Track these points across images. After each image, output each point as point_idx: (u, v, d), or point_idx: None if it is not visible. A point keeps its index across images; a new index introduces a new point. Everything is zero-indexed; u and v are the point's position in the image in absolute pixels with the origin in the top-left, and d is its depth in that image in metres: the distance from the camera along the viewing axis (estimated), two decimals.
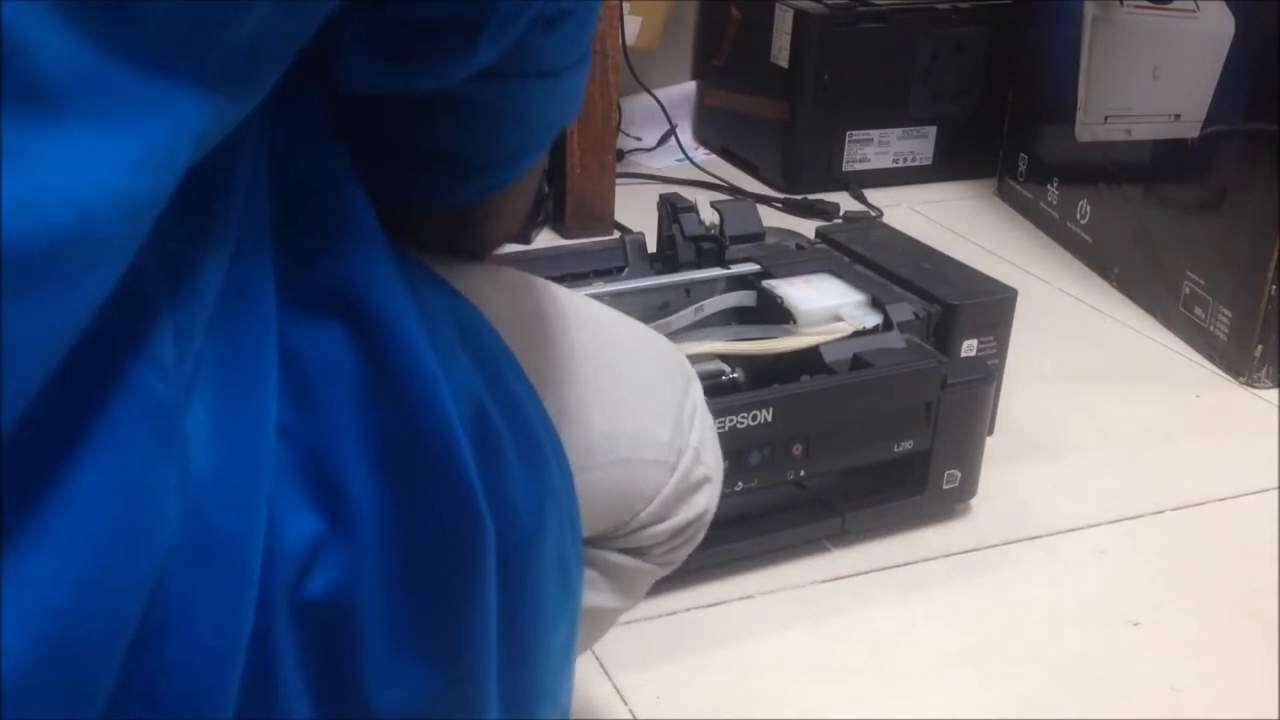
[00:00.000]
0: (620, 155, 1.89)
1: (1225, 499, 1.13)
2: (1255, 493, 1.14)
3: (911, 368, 1.00)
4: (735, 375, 1.05)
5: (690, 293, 1.11)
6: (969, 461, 1.05)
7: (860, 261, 1.15)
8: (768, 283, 1.09)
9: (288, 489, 0.37)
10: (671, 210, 1.16)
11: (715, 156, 2.00)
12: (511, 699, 0.44)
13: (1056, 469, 1.16)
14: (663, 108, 1.95)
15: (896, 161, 1.89)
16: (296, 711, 0.37)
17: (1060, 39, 1.64)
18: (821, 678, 0.90)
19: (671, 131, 1.97)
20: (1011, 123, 1.82)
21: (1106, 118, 1.58)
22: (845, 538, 1.03)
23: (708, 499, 0.62)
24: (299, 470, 0.38)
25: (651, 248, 1.18)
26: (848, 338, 1.03)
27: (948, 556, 1.03)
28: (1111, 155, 1.57)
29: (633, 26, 1.81)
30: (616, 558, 0.60)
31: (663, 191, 1.23)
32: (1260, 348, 1.32)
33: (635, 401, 0.58)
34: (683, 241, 1.15)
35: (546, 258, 1.13)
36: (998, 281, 1.12)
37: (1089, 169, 1.62)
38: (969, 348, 1.08)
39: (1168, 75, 1.46)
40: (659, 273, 1.14)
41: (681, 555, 0.64)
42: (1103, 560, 1.04)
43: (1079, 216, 1.64)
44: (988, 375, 1.04)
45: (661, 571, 0.63)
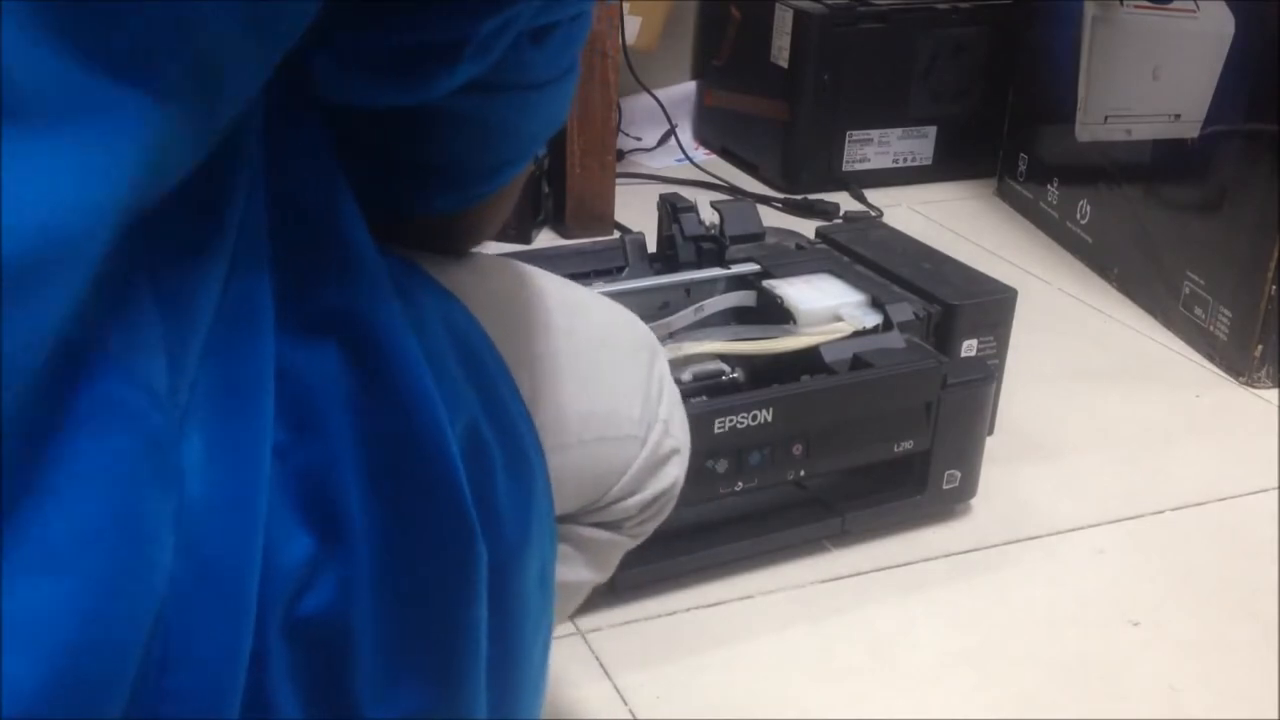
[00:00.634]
0: (620, 155, 1.89)
1: (1225, 499, 1.13)
2: (1255, 493, 1.14)
3: (911, 368, 1.00)
4: (735, 375, 1.05)
5: (690, 293, 1.11)
6: (969, 461, 1.05)
7: (860, 261, 1.15)
8: (768, 283, 1.09)
9: (283, 510, 0.37)
10: (671, 210, 1.16)
11: (715, 156, 2.00)
12: (498, 707, 0.45)
13: (1056, 469, 1.16)
14: (663, 108, 1.95)
15: (896, 161, 1.89)
16: None
17: (1060, 39, 1.64)
18: (821, 678, 0.90)
19: (671, 131, 1.97)
20: (1011, 123, 1.82)
21: (1106, 118, 1.58)
22: (845, 538, 1.03)
23: (677, 470, 0.63)
24: (294, 491, 0.38)
25: (651, 248, 1.18)
26: (848, 338, 1.03)
27: (948, 556, 1.03)
28: (1111, 155, 1.57)
29: (633, 26, 1.81)
30: (589, 532, 0.61)
31: (663, 191, 1.23)
32: (1260, 348, 1.32)
33: (607, 379, 0.59)
34: (683, 241, 1.15)
35: (546, 258, 1.13)
36: (998, 281, 1.12)
37: (1089, 169, 1.62)
38: (969, 348, 1.08)
39: (1168, 75, 1.46)
40: (659, 273, 1.14)
41: (651, 527, 0.64)
42: (1103, 560, 1.04)
43: (1079, 216, 1.64)
44: (988, 375, 1.04)
45: (632, 543, 0.65)
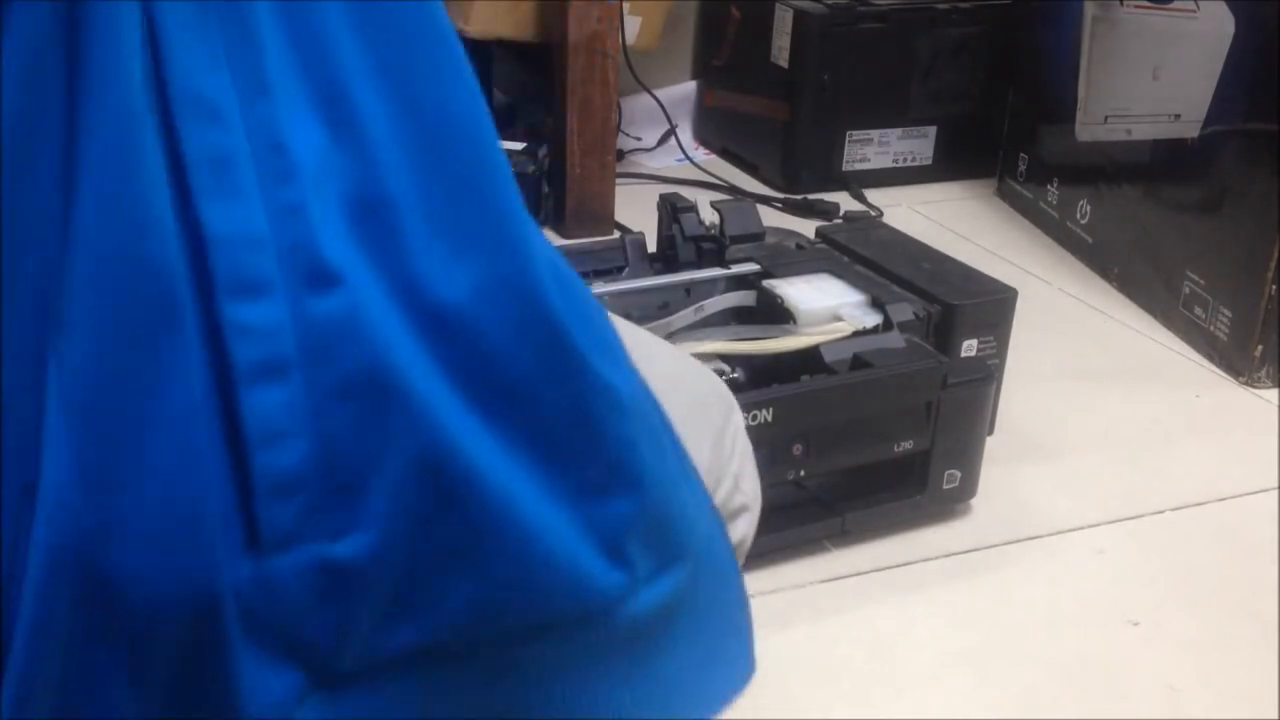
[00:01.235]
0: (620, 155, 1.89)
1: (1225, 499, 1.13)
2: (1255, 493, 1.14)
3: (911, 368, 1.00)
4: (735, 375, 1.05)
5: (690, 293, 1.11)
6: (969, 461, 1.05)
7: (860, 261, 1.15)
8: (768, 283, 1.09)
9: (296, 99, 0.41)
10: (671, 210, 1.16)
11: (715, 156, 2.00)
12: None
13: (1056, 469, 1.16)
14: (663, 108, 1.95)
15: (896, 161, 1.89)
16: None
17: (1060, 39, 1.64)
18: (821, 678, 0.90)
19: (671, 131, 1.97)
20: (1011, 123, 1.82)
21: (1106, 118, 1.58)
22: (845, 538, 1.03)
23: (745, 528, 0.62)
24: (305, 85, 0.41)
25: (651, 248, 1.18)
26: (848, 338, 1.03)
27: (948, 556, 1.03)
28: (1111, 155, 1.57)
29: (633, 26, 1.81)
30: None
31: (663, 191, 1.23)
32: (1260, 348, 1.32)
33: (686, 431, 0.58)
34: (683, 241, 1.15)
35: None
36: (998, 281, 1.12)
37: (1089, 169, 1.62)
38: (969, 348, 1.08)
39: (1168, 75, 1.46)
40: (659, 273, 1.14)
41: None
42: (1103, 560, 1.04)
43: (1079, 216, 1.64)
44: (988, 375, 1.04)
45: None
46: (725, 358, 1.05)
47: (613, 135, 1.67)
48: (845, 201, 1.80)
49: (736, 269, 1.13)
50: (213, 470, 0.38)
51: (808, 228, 1.33)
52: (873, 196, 1.83)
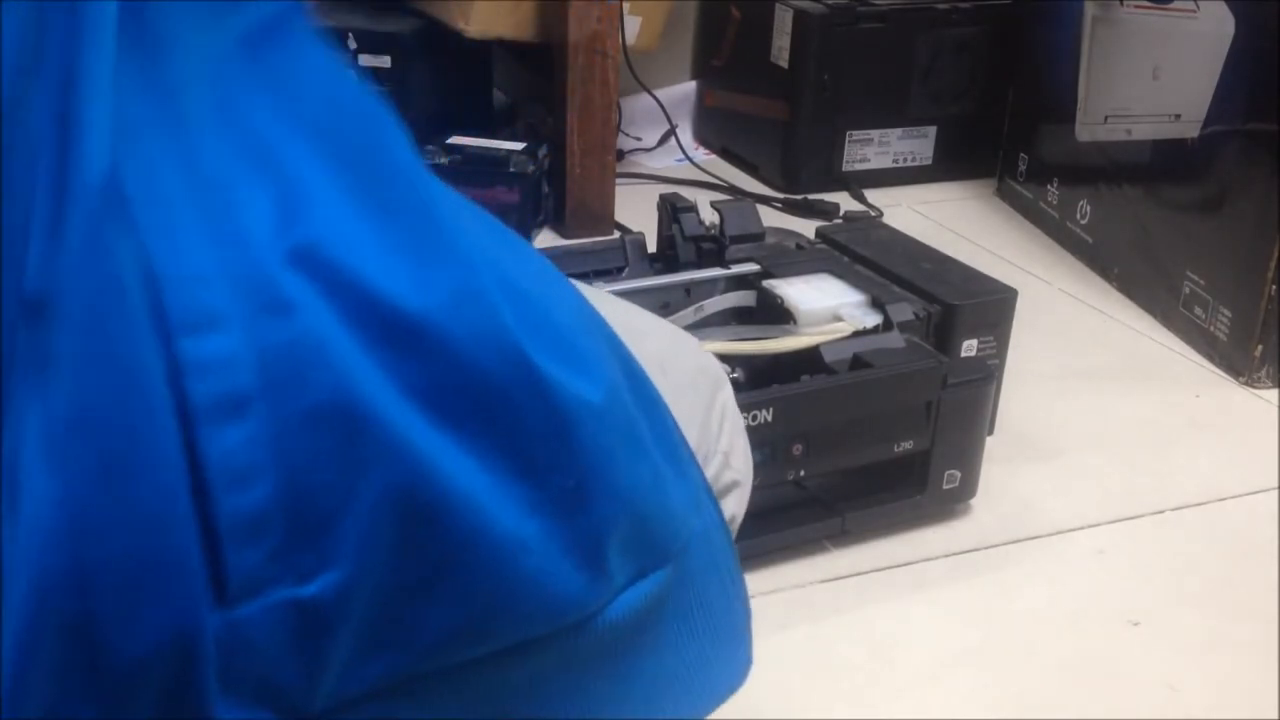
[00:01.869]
0: (620, 155, 1.89)
1: (1225, 499, 1.13)
2: (1255, 493, 1.14)
3: (911, 368, 1.00)
4: (735, 375, 1.05)
5: (690, 293, 1.11)
6: (969, 461, 1.05)
7: (860, 261, 1.15)
8: (768, 283, 1.09)
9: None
10: (671, 210, 1.16)
11: (715, 156, 2.00)
12: None
13: (1056, 469, 1.16)
14: (663, 108, 1.95)
15: (896, 161, 1.89)
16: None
17: (1060, 39, 1.64)
18: (821, 678, 0.90)
19: (671, 131, 1.97)
20: (1011, 123, 1.82)
21: (1106, 118, 1.58)
22: (845, 538, 1.03)
23: (736, 504, 0.61)
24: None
25: (651, 248, 1.18)
26: (848, 338, 1.03)
27: (948, 556, 1.03)
28: (1111, 155, 1.57)
29: (633, 26, 1.81)
30: None
31: (663, 191, 1.23)
32: (1260, 348, 1.32)
33: (675, 409, 0.56)
34: (683, 241, 1.15)
35: (546, 258, 1.13)
36: (998, 281, 1.12)
37: (1089, 169, 1.62)
38: (969, 348, 1.08)
39: (1168, 75, 1.46)
40: (659, 273, 1.14)
41: None
42: (1103, 560, 1.04)
43: (1079, 216, 1.64)
44: (988, 375, 1.04)
45: None
46: (725, 358, 1.05)
47: (613, 135, 1.67)
48: (845, 201, 1.80)
49: (736, 269, 1.13)
50: (186, 515, 0.37)
51: (808, 228, 1.33)
52: (873, 196, 1.83)
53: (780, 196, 1.82)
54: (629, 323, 0.57)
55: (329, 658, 0.40)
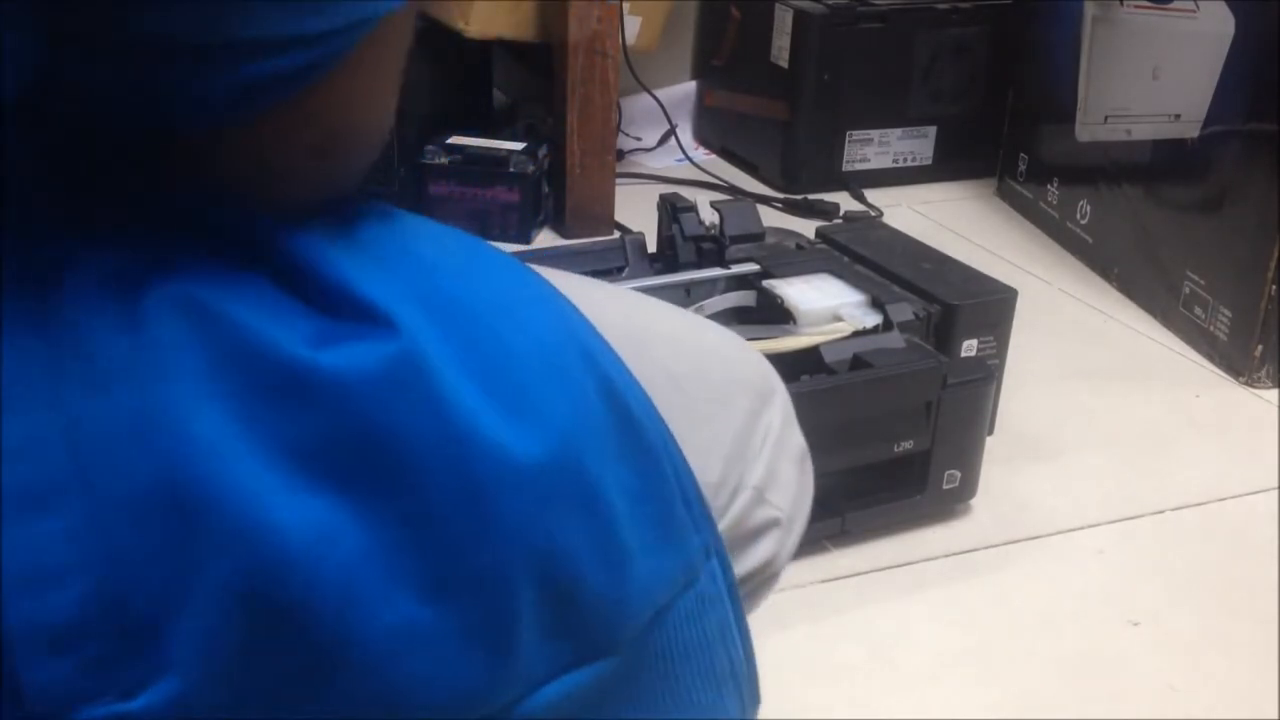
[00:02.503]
0: (620, 155, 1.89)
1: (1225, 499, 1.13)
2: (1255, 493, 1.14)
3: (911, 368, 1.00)
4: None
5: (690, 293, 1.11)
6: (969, 461, 1.05)
7: (860, 261, 1.15)
8: (768, 283, 1.09)
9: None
10: (671, 210, 1.16)
11: (715, 156, 2.00)
12: None
13: (1056, 469, 1.16)
14: (663, 108, 1.95)
15: (896, 161, 1.89)
16: None
17: (1060, 39, 1.64)
18: (821, 678, 0.90)
19: (671, 131, 1.97)
20: (1011, 123, 1.82)
21: (1106, 118, 1.58)
22: (845, 538, 1.03)
23: (774, 546, 0.53)
24: None
25: (651, 248, 1.18)
26: (848, 338, 1.03)
27: (948, 556, 1.03)
28: (1111, 155, 1.57)
29: (633, 26, 1.81)
30: None
31: (663, 191, 1.23)
32: (1260, 348, 1.32)
33: (691, 436, 0.48)
34: (683, 241, 1.15)
35: (546, 258, 1.13)
36: (998, 281, 1.12)
37: (1089, 169, 1.62)
38: (969, 348, 1.08)
39: (1168, 75, 1.46)
40: (659, 273, 1.14)
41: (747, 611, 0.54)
42: (1103, 560, 1.04)
43: (1079, 216, 1.64)
44: (988, 375, 1.04)
45: None
46: None
47: (613, 135, 1.67)
48: (845, 201, 1.80)
49: (736, 269, 1.13)
50: None
51: (808, 228, 1.33)
52: (873, 196, 1.83)
53: (780, 196, 1.82)
54: (648, 327, 0.52)
55: None
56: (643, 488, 0.42)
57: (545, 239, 1.64)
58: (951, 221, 1.76)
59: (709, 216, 1.18)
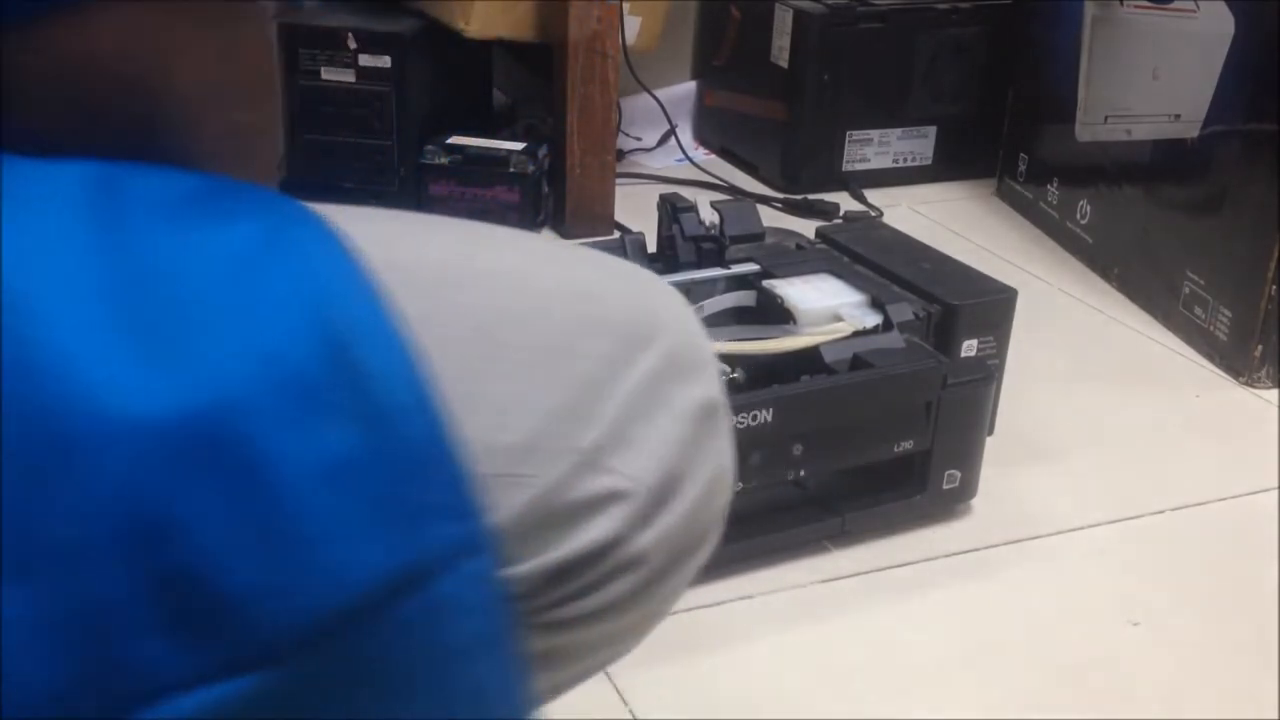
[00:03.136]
0: (620, 155, 1.89)
1: (1225, 499, 1.13)
2: (1255, 493, 1.14)
3: (911, 368, 1.00)
4: (735, 375, 1.05)
5: (690, 293, 1.11)
6: (969, 461, 1.05)
7: (860, 261, 1.15)
8: (768, 283, 1.09)
9: None
10: (671, 210, 1.16)
11: (715, 156, 2.00)
12: None
13: (1056, 469, 1.16)
14: (663, 108, 1.95)
15: (896, 161, 1.89)
16: None
17: (1060, 39, 1.64)
18: (821, 678, 0.90)
19: (671, 131, 1.97)
20: (1011, 123, 1.82)
21: (1106, 118, 1.58)
22: (845, 538, 1.03)
23: (616, 525, 0.42)
24: None
25: (651, 248, 1.18)
26: (848, 338, 1.03)
27: (948, 556, 1.03)
28: (1111, 155, 1.57)
29: (633, 26, 1.81)
30: None
31: (663, 191, 1.23)
32: (1260, 348, 1.32)
33: (494, 390, 0.41)
34: (683, 241, 1.15)
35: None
36: (998, 281, 1.12)
37: (1089, 169, 1.62)
38: (969, 348, 1.08)
39: (1168, 75, 1.46)
40: (659, 273, 1.14)
41: (588, 606, 0.43)
42: (1103, 560, 1.04)
43: (1079, 216, 1.64)
44: (988, 375, 1.04)
45: (562, 638, 0.44)
46: (725, 358, 1.05)
47: (613, 135, 1.67)
48: (845, 201, 1.80)
49: (736, 269, 1.13)
50: None
51: (808, 228, 1.33)
52: (873, 196, 1.83)
53: (780, 196, 1.82)
54: (479, 266, 0.44)
55: None
56: (362, 458, 0.34)
57: (545, 239, 1.64)
58: (951, 221, 1.76)
59: (709, 216, 1.18)
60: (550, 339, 0.43)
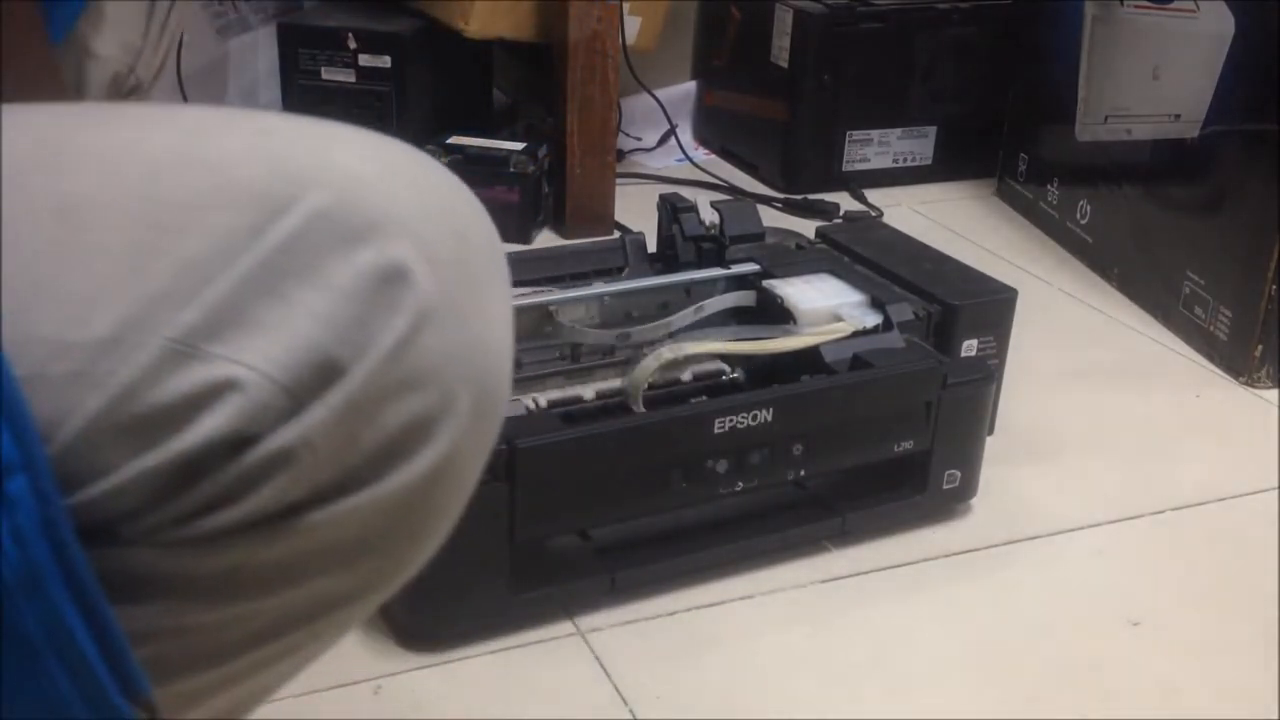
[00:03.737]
0: (620, 155, 1.89)
1: (1225, 499, 1.13)
2: (1255, 493, 1.14)
3: (911, 368, 1.00)
4: (735, 375, 1.05)
5: (690, 293, 1.11)
6: (969, 461, 1.05)
7: (860, 261, 1.15)
8: (768, 283, 1.09)
9: None
10: (671, 210, 1.16)
11: (715, 156, 2.00)
12: None
13: (1056, 469, 1.16)
14: (663, 108, 1.95)
15: (896, 161, 1.89)
16: None
17: (1060, 39, 1.64)
18: (821, 678, 0.90)
19: (671, 131, 1.97)
20: (1011, 123, 1.82)
21: (1106, 118, 1.58)
22: (845, 538, 1.03)
23: (229, 419, 0.36)
24: None
25: (651, 248, 1.18)
26: (848, 338, 1.03)
27: (948, 556, 1.03)
28: (1111, 155, 1.57)
29: (633, 26, 1.81)
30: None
31: (663, 191, 1.23)
32: (1260, 348, 1.32)
33: (76, 281, 0.36)
34: (683, 241, 1.15)
35: (546, 258, 1.13)
36: (998, 281, 1.12)
37: (1089, 169, 1.62)
38: (969, 348, 1.08)
39: (1168, 75, 1.46)
40: (659, 273, 1.14)
41: (233, 518, 0.37)
42: (1103, 560, 1.04)
43: (1079, 216, 1.64)
44: (988, 375, 1.04)
45: (215, 559, 0.38)
46: (725, 358, 1.05)
47: (613, 135, 1.67)
48: (845, 201, 1.80)
49: (736, 269, 1.13)
50: None
51: (808, 228, 1.33)
52: (873, 196, 1.83)
53: (780, 196, 1.82)
54: (84, 145, 0.39)
55: None
56: None
57: (545, 239, 1.64)
58: (951, 221, 1.76)
59: (709, 216, 1.18)
60: (154, 218, 0.37)
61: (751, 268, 1.12)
